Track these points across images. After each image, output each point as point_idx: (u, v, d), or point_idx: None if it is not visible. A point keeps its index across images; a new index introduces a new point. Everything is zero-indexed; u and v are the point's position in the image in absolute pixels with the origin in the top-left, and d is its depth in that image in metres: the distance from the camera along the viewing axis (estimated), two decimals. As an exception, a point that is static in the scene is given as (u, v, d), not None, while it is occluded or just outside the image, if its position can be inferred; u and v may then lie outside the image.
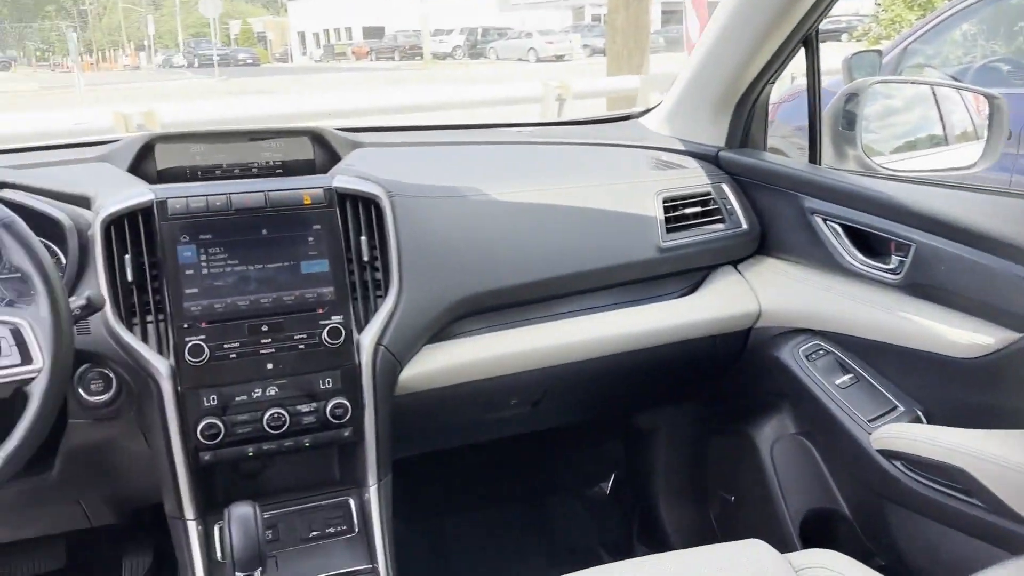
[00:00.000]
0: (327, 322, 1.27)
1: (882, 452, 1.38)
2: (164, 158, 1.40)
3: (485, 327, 1.48)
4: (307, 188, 1.30)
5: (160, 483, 1.27)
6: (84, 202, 1.27)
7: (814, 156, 1.63)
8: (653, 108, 1.92)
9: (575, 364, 1.52)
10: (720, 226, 1.64)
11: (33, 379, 0.99)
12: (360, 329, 1.30)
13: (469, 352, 1.44)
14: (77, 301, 1.06)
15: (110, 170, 1.39)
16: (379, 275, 1.33)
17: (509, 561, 2.04)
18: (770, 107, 1.78)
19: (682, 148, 1.77)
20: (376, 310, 1.32)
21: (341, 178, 1.34)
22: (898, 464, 1.37)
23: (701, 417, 1.95)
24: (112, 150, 1.42)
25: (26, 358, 0.99)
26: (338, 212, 1.31)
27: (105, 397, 1.21)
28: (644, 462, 2.06)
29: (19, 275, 1.25)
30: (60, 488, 1.29)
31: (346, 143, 1.52)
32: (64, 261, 1.22)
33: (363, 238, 1.32)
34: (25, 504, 1.38)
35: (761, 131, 1.76)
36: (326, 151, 1.49)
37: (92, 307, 1.08)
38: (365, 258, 1.32)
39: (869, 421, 1.43)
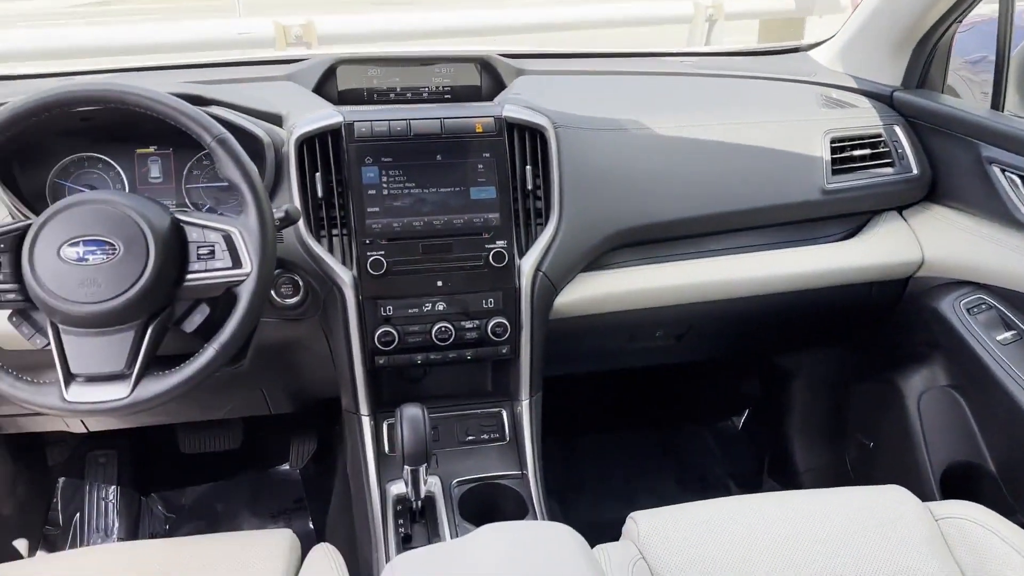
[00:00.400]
0: (492, 246, 1.34)
1: None
2: (345, 79, 1.50)
3: (639, 259, 1.51)
4: (479, 117, 1.36)
5: (337, 380, 1.40)
6: (277, 120, 1.37)
7: (998, 102, 1.55)
8: (824, 41, 1.85)
9: (725, 302, 1.54)
10: (889, 170, 1.59)
11: (242, 281, 1.10)
12: (521, 254, 1.37)
13: (621, 283, 1.48)
14: (277, 213, 1.15)
15: (296, 89, 1.49)
16: (540, 204, 1.38)
17: (640, 482, 2.11)
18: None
19: (855, 86, 1.70)
20: (536, 237, 1.37)
21: (510, 108, 1.38)
22: None
23: (845, 362, 1.93)
24: (298, 70, 1.52)
25: (236, 262, 1.10)
26: (506, 141, 1.36)
27: (294, 300, 1.32)
28: (781, 401, 2.07)
29: (221, 184, 1.37)
30: (249, 378, 1.43)
31: (511, 71, 1.56)
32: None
33: (528, 167, 1.37)
34: (218, 390, 1.54)
35: (941, 72, 1.67)
36: (492, 78, 1.54)
37: (290, 219, 1.18)
38: (529, 187, 1.37)
39: None
